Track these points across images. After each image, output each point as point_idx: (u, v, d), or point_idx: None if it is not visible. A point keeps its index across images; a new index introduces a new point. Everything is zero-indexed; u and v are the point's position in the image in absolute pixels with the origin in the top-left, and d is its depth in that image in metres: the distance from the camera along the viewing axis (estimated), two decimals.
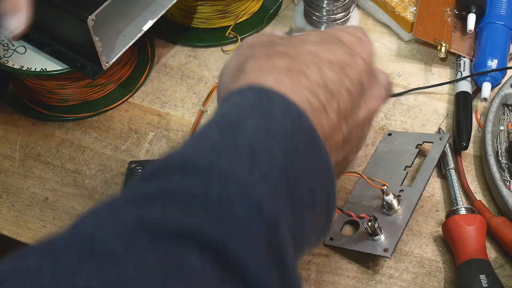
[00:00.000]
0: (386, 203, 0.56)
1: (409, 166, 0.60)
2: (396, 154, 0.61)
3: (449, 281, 0.56)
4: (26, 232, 0.60)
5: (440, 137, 0.61)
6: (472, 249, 0.54)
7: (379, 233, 0.54)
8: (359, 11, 0.78)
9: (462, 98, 0.66)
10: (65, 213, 0.61)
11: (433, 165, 0.59)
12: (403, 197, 0.57)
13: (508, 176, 0.61)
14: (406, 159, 0.60)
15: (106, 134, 0.67)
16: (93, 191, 0.62)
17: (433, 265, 0.57)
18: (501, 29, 0.70)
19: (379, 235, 0.54)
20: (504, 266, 0.56)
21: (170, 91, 0.70)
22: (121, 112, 0.69)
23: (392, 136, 0.64)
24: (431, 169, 0.58)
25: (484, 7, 0.71)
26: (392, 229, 0.55)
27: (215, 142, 0.33)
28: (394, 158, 0.61)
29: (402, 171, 0.60)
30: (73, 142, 0.67)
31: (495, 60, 0.68)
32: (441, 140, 0.61)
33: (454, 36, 0.72)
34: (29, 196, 0.62)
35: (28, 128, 0.68)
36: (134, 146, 0.66)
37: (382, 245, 0.54)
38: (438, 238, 0.58)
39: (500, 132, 0.64)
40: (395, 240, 0.54)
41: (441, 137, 0.61)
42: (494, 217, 0.57)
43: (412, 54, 0.73)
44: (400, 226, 0.55)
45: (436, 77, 0.71)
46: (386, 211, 0.56)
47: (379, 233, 0.54)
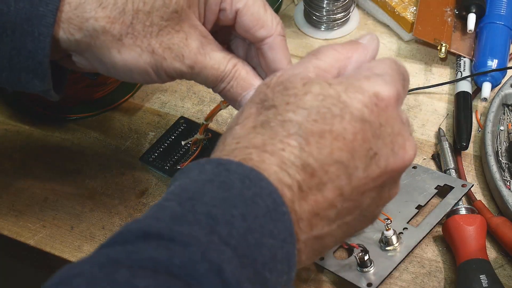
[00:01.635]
0: (384, 238, 0.55)
1: (422, 206, 0.58)
2: (413, 190, 0.59)
3: (449, 281, 0.56)
4: (26, 232, 0.60)
5: (462, 183, 0.58)
6: (472, 249, 0.54)
7: (369, 265, 0.53)
8: (359, 11, 0.78)
9: (462, 98, 0.66)
10: (65, 213, 0.61)
11: (445, 211, 0.57)
12: (404, 236, 0.55)
13: (508, 176, 0.61)
14: (421, 198, 0.58)
15: (106, 134, 0.67)
16: (93, 191, 0.62)
17: (433, 265, 0.57)
18: (501, 29, 0.70)
19: (369, 268, 0.53)
20: (504, 266, 0.56)
21: (170, 91, 0.70)
22: (121, 112, 0.69)
23: (416, 170, 0.61)
24: (441, 215, 0.56)
25: (484, 7, 0.71)
26: (384, 265, 0.54)
27: (174, 211, 0.34)
28: (410, 194, 0.59)
29: (413, 209, 0.57)
30: (73, 142, 0.67)
31: (495, 60, 0.68)
32: (462, 187, 0.58)
33: (454, 36, 0.72)
34: (29, 196, 0.62)
35: (28, 128, 0.68)
36: (134, 146, 0.66)
37: (368, 278, 0.53)
38: (438, 238, 0.58)
39: (500, 132, 0.64)
40: (381, 277, 0.53)
41: (464, 183, 0.58)
42: (494, 217, 0.57)
43: (412, 54, 0.73)
44: (392, 265, 0.54)
45: (436, 77, 0.71)
46: (384, 246, 0.55)
47: (369, 266, 0.53)
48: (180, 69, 0.45)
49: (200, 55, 0.45)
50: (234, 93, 0.47)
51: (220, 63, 0.46)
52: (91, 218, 0.60)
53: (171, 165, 0.63)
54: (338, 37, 0.75)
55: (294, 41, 0.75)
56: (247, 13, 0.46)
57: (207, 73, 0.46)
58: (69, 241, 0.59)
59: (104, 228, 0.60)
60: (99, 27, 0.43)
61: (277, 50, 0.48)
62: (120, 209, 0.61)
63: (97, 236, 0.59)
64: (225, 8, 0.46)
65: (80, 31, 0.43)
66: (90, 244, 0.59)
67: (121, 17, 0.43)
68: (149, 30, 0.44)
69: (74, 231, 0.60)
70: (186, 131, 0.65)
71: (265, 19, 0.47)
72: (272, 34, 0.47)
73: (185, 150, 0.64)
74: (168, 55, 0.44)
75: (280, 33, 0.48)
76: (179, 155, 0.63)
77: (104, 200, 0.62)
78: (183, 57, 0.45)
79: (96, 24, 0.42)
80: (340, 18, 0.75)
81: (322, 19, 0.75)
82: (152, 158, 0.63)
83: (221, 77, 0.46)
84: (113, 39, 0.43)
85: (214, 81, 0.46)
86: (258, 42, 0.48)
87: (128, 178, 0.63)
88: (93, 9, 0.42)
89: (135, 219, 0.35)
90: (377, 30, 0.76)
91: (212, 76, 0.46)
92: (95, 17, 0.42)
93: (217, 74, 0.46)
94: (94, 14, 0.42)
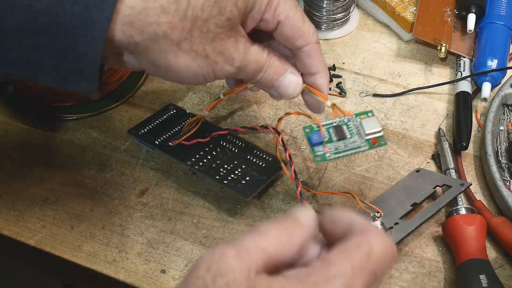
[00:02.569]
0: None
1: (417, 203, 0.58)
2: (412, 190, 0.60)
3: (449, 281, 0.56)
4: (26, 232, 0.60)
5: (461, 182, 0.59)
6: (472, 249, 0.54)
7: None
8: (359, 11, 0.78)
9: (462, 98, 0.66)
10: (65, 213, 0.61)
11: (439, 207, 0.57)
12: (394, 230, 0.55)
13: (508, 176, 0.61)
14: (418, 197, 0.59)
15: (106, 134, 0.67)
16: (93, 191, 0.62)
17: (433, 265, 0.57)
18: (501, 29, 0.70)
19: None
20: (504, 266, 0.56)
21: (170, 91, 0.70)
22: (121, 112, 0.69)
23: (419, 173, 0.61)
24: (434, 210, 0.57)
25: (484, 7, 0.71)
26: None
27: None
28: (409, 194, 0.59)
29: (408, 207, 0.58)
30: (73, 142, 0.67)
31: (495, 60, 0.68)
32: (460, 186, 0.58)
33: (454, 36, 0.72)
34: (29, 196, 0.62)
35: (28, 128, 0.68)
36: (134, 146, 0.66)
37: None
38: (438, 238, 0.58)
39: (500, 132, 0.64)
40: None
41: (462, 183, 0.59)
42: (494, 217, 0.57)
43: (412, 54, 0.73)
44: None
45: (436, 77, 0.71)
46: None
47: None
48: (229, 71, 0.48)
49: (245, 54, 0.48)
50: (271, 79, 0.51)
51: (259, 56, 0.49)
52: (91, 218, 0.60)
53: (161, 141, 0.63)
54: (338, 37, 0.76)
55: None
56: (288, 24, 0.49)
57: (250, 68, 0.49)
58: (69, 241, 0.59)
59: (104, 228, 0.60)
60: (160, 31, 0.44)
61: (313, 57, 0.51)
62: (120, 209, 0.61)
63: (97, 236, 0.59)
64: (267, 19, 0.48)
65: (141, 34, 0.44)
66: (90, 244, 0.59)
67: (181, 23, 0.44)
68: (205, 36, 0.45)
69: (74, 231, 0.60)
70: (173, 117, 0.66)
71: (304, 30, 0.50)
72: (309, 43, 0.50)
73: (175, 131, 0.64)
74: (220, 59, 0.47)
75: (316, 41, 0.51)
76: (169, 135, 0.64)
77: (104, 200, 0.62)
78: (233, 60, 0.47)
79: (158, 29, 0.44)
80: (340, 18, 0.75)
81: (322, 19, 0.75)
82: (142, 133, 0.64)
83: (261, 68, 0.50)
84: (172, 43, 0.45)
85: (255, 73, 0.50)
86: (296, 49, 0.51)
87: (128, 178, 0.63)
88: (157, 14, 0.43)
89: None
90: (377, 30, 0.76)
91: (254, 70, 0.49)
92: (158, 22, 0.43)
93: (258, 66, 0.49)
94: (157, 19, 0.43)
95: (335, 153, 0.54)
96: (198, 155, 0.61)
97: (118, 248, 0.58)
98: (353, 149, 0.54)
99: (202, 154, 0.61)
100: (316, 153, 0.54)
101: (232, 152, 0.62)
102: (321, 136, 0.54)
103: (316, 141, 0.54)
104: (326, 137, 0.54)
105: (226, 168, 0.60)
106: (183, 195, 0.62)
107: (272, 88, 0.52)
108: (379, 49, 0.74)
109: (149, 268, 0.57)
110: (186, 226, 0.59)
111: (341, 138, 0.54)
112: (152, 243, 0.58)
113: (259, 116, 0.68)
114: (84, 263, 0.57)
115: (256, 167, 0.60)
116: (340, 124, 0.54)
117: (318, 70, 0.52)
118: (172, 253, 0.58)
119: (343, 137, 0.54)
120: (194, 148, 0.62)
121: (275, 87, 0.51)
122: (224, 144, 0.62)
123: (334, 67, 0.72)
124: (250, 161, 0.61)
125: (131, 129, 0.65)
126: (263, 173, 0.59)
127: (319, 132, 0.54)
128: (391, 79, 0.71)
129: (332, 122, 0.55)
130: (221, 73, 0.47)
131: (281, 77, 0.51)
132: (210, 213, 0.60)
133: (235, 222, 0.59)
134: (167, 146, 0.62)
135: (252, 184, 0.58)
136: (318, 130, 0.54)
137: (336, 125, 0.54)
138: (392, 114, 0.68)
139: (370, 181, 0.62)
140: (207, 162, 0.61)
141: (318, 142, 0.54)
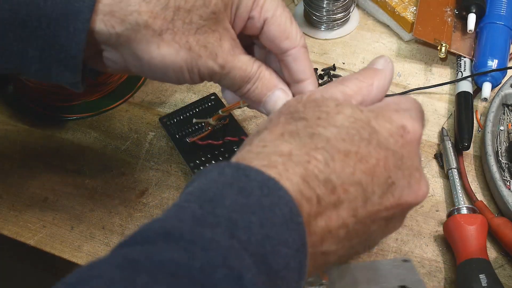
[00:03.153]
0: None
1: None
2: (378, 278, 0.55)
3: (449, 281, 0.56)
4: (26, 232, 0.60)
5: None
6: (472, 249, 0.54)
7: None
8: (359, 11, 0.78)
9: (463, 98, 0.66)
10: (65, 213, 0.61)
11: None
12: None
13: (508, 176, 0.61)
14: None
15: (106, 134, 0.67)
16: (93, 191, 0.62)
17: (433, 265, 0.57)
18: (501, 29, 0.70)
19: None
20: (504, 266, 0.56)
21: (170, 91, 0.70)
22: (121, 112, 0.69)
23: (404, 264, 0.56)
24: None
25: (484, 7, 0.71)
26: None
27: (196, 213, 0.34)
28: (372, 279, 0.55)
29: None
30: (73, 142, 0.67)
31: (495, 60, 0.68)
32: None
33: (454, 36, 0.72)
34: (29, 196, 0.62)
35: (28, 128, 0.68)
36: (134, 146, 0.66)
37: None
38: (438, 238, 0.58)
39: (500, 132, 0.64)
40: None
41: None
42: (495, 218, 0.57)
43: (412, 54, 0.73)
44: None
45: (436, 77, 0.71)
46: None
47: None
48: (212, 68, 0.46)
49: (230, 55, 0.47)
50: (259, 93, 0.49)
51: (247, 65, 0.47)
52: (91, 218, 0.60)
53: (181, 136, 0.64)
54: (338, 37, 0.75)
55: None
56: (274, 23, 0.48)
57: (235, 73, 0.47)
58: (69, 241, 0.59)
59: (104, 228, 0.60)
60: (141, 21, 0.43)
61: (300, 61, 0.49)
62: (120, 209, 0.61)
63: (97, 236, 0.59)
64: (254, 16, 0.48)
65: (122, 24, 0.43)
66: (90, 244, 0.59)
67: (163, 13, 0.44)
68: (188, 28, 0.45)
69: (74, 231, 0.60)
70: (211, 108, 0.66)
71: (290, 31, 0.48)
72: (296, 46, 0.49)
73: (198, 127, 0.65)
74: (203, 53, 0.45)
75: (304, 45, 0.49)
76: (192, 130, 0.65)
77: (104, 200, 0.62)
78: (217, 56, 0.46)
79: (139, 18, 0.43)
80: (340, 18, 0.75)
81: (322, 19, 0.75)
82: (170, 123, 0.66)
83: (248, 77, 0.48)
84: (154, 34, 0.44)
85: (241, 82, 0.48)
86: (282, 53, 0.49)
87: (128, 178, 0.63)
88: (137, 3, 0.43)
89: (155, 219, 0.35)
90: (377, 30, 0.76)
91: (239, 77, 0.48)
92: (139, 10, 0.43)
93: (245, 75, 0.48)
94: (138, 7, 0.43)
95: None
96: (204, 158, 0.62)
97: None
98: None
99: (209, 157, 0.62)
100: None
101: None
102: None
103: None
104: None
105: None
106: None
107: (260, 103, 0.49)
108: (379, 49, 0.74)
109: None
110: None
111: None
112: None
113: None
114: (84, 263, 0.57)
115: None
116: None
117: (306, 76, 0.50)
118: None
119: None
120: (205, 149, 0.62)
121: (263, 103, 0.49)
122: (236, 150, 0.62)
123: (334, 67, 0.72)
124: None
125: (162, 117, 0.66)
126: None
127: None
128: None
129: None
130: (204, 68, 0.46)
131: (270, 93, 0.49)
132: None
133: None
134: (184, 142, 0.63)
135: None
136: None
137: None
138: None
139: None
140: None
141: None
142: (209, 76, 0.47)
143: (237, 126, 0.65)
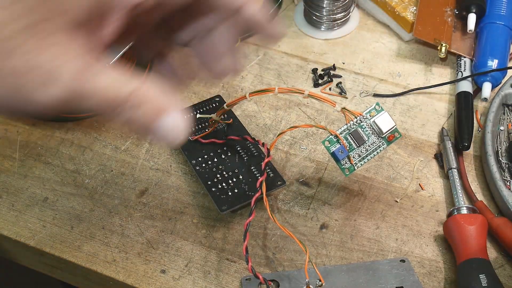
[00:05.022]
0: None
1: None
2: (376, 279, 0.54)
3: (449, 281, 0.56)
4: (26, 232, 0.60)
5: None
6: (472, 249, 0.54)
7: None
8: (359, 11, 0.78)
9: (463, 98, 0.67)
10: (65, 213, 0.61)
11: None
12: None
13: (508, 176, 0.61)
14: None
15: (106, 134, 0.67)
16: (93, 191, 0.62)
17: (433, 265, 0.57)
18: (501, 29, 0.70)
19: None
20: (504, 266, 0.56)
21: None
22: None
23: (401, 264, 0.56)
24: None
25: (484, 7, 0.71)
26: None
27: None
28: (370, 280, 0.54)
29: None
30: (73, 142, 0.67)
31: (496, 60, 0.68)
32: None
33: (454, 36, 0.72)
34: (29, 196, 0.62)
35: (28, 128, 0.68)
36: (134, 146, 0.66)
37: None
38: (438, 238, 0.58)
39: (500, 132, 0.64)
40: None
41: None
42: (496, 218, 0.57)
43: (412, 54, 0.73)
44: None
45: (436, 77, 0.71)
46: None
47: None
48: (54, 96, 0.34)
49: (86, 74, 0.35)
50: (145, 121, 0.36)
51: (117, 85, 0.35)
52: (91, 218, 0.60)
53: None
54: (338, 37, 0.76)
55: (294, 41, 0.75)
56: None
57: (97, 98, 0.35)
58: (69, 241, 0.59)
59: (104, 228, 0.60)
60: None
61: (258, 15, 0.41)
62: (120, 209, 0.61)
63: (97, 236, 0.59)
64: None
65: None
66: (90, 244, 0.59)
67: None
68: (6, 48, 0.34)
69: (74, 231, 0.60)
70: (215, 110, 0.66)
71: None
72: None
73: (201, 127, 0.65)
74: (31, 79, 0.34)
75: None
76: (194, 130, 0.65)
77: (104, 200, 0.62)
78: (57, 80, 0.34)
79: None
80: (340, 18, 0.75)
81: (322, 19, 0.75)
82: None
83: (119, 100, 0.35)
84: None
85: (109, 108, 0.35)
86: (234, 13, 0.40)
87: (128, 178, 0.63)
88: None
89: None
90: (377, 30, 0.76)
91: (105, 102, 0.35)
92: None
93: (114, 97, 0.35)
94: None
95: (360, 160, 0.55)
96: (206, 156, 0.62)
97: (118, 248, 0.58)
98: (374, 151, 0.55)
99: (211, 155, 0.62)
100: (343, 166, 0.55)
101: (241, 159, 0.61)
102: (345, 149, 0.54)
103: (342, 156, 0.54)
104: (347, 148, 0.54)
105: (223, 175, 0.60)
106: (183, 195, 0.62)
107: (147, 132, 0.36)
108: (379, 49, 0.74)
109: (149, 268, 0.57)
110: (186, 226, 0.59)
111: (360, 143, 0.55)
112: (152, 243, 0.58)
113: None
114: (84, 263, 0.57)
115: (252, 181, 0.59)
116: (355, 128, 0.55)
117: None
118: (172, 253, 0.58)
119: (362, 141, 0.55)
120: (207, 147, 0.62)
121: (151, 131, 0.36)
122: (238, 149, 0.62)
123: (334, 67, 0.72)
124: (251, 173, 0.60)
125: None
126: (252, 190, 0.59)
127: (341, 145, 0.54)
128: (391, 79, 0.71)
129: (347, 128, 0.55)
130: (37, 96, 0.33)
131: (160, 118, 0.36)
132: (210, 213, 0.60)
133: (235, 222, 0.59)
134: (186, 140, 0.63)
135: (235, 199, 0.58)
136: (337, 140, 0.54)
137: (352, 130, 0.55)
138: (392, 114, 0.68)
139: (370, 181, 0.62)
140: (210, 165, 0.61)
141: (344, 157, 0.54)
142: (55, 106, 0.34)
143: (240, 126, 0.65)
